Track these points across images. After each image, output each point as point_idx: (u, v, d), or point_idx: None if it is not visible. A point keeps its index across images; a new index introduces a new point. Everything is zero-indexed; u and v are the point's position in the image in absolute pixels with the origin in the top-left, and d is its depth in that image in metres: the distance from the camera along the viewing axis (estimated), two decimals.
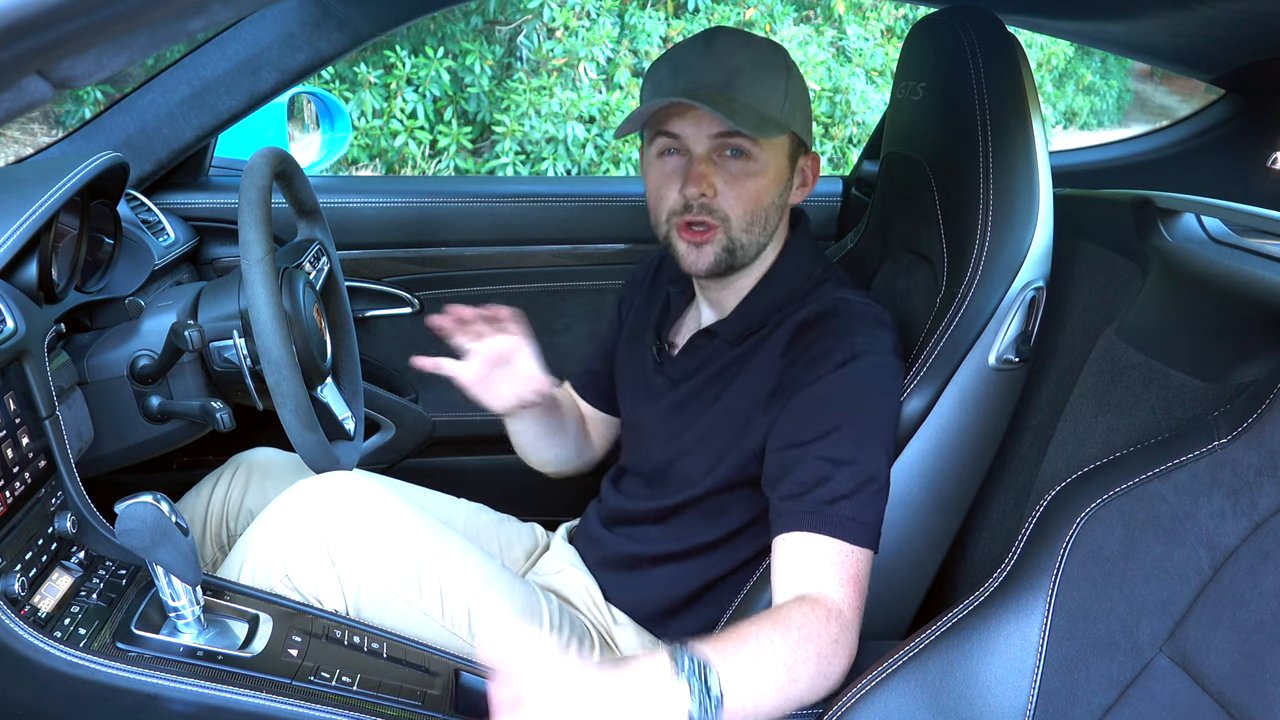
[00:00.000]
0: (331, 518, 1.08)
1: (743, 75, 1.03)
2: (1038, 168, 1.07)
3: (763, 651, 0.85)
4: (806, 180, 1.13)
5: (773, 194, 1.07)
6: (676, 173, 1.06)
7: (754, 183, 1.05)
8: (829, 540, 0.93)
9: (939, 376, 1.08)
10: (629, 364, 1.29)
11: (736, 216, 1.05)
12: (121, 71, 0.53)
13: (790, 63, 1.07)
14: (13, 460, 0.96)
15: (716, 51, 1.04)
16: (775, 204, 1.08)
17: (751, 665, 0.84)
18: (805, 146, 1.11)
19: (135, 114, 1.61)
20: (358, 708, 0.94)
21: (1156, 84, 8.75)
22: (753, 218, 1.06)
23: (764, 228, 1.08)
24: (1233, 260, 0.91)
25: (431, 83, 4.93)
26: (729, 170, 1.04)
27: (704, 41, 1.06)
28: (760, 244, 1.09)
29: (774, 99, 1.04)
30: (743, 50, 1.04)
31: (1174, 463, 0.79)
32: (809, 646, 0.87)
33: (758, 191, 1.05)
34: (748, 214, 1.05)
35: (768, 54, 1.05)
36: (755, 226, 1.07)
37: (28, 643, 0.88)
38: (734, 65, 1.03)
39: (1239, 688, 0.70)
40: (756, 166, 1.04)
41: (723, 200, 1.05)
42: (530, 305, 1.92)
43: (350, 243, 1.81)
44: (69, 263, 1.22)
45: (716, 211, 1.05)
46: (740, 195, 1.05)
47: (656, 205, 1.09)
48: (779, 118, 1.04)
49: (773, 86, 1.04)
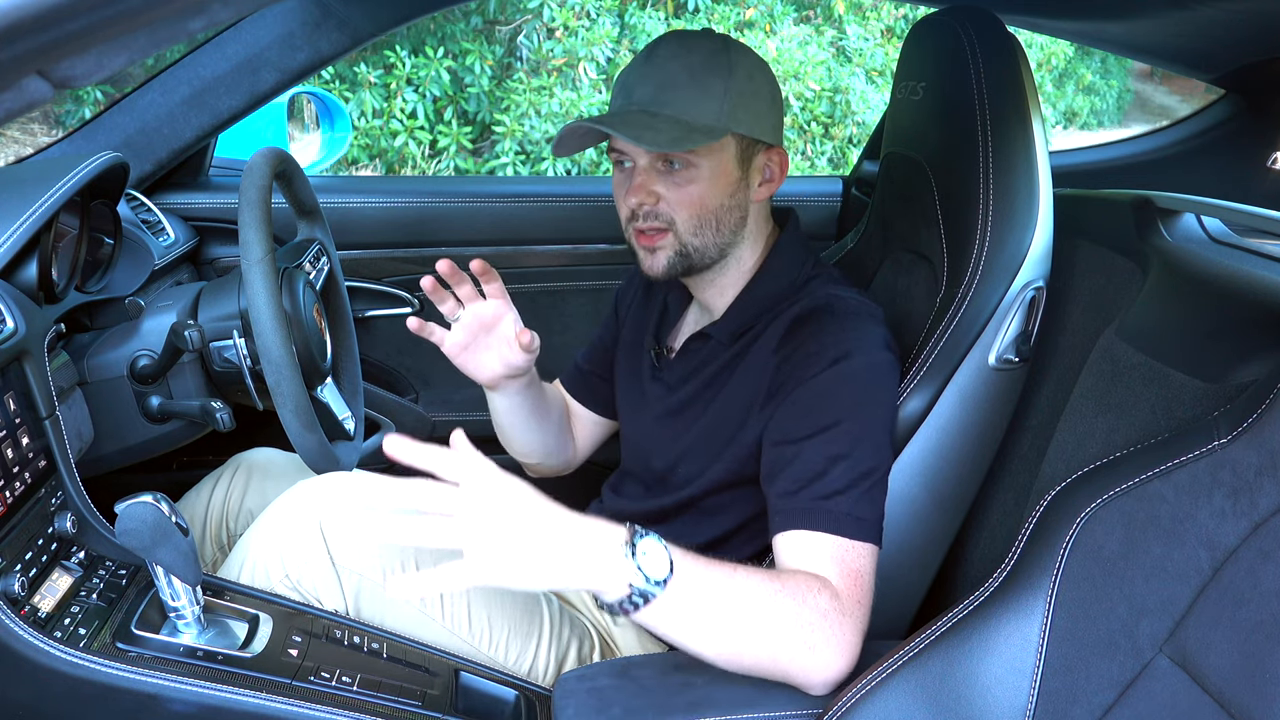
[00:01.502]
0: (331, 518, 1.08)
1: (672, 87, 1.03)
2: (1038, 168, 1.07)
3: (736, 579, 0.86)
4: (773, 176, 1.11)
5: (719, 196, 1.06)
6: (626, 181, 1.08)
7: (695, 188, 1.05)
8: (827, 537, 0.93)
9: (939, 376, 1.08)
10: (627, 371, 1.29)
11: (682, 220, 1.06)
12: (121, 71, 0.53)
13: (736, 62, 1.05)
14: (13, 460, 0.96)
15: (653, 63, 1.04)
16: (725, 205, 1.07)
17: (716, 582, 0.85)
18: (764, 143, 1.09)
19: (135, 114, 1.61)
20: (358, 708, 0.94)
21: (1156, 84, 8.75)
22: (700, 221, 1.06)
23: (716, 229, 1.08)
24: (1233, 260, 0.91)
25: (431, 83, 4.93)
26: (671, 179, 1.05)
27: (646, 54, 1.06)
28: (720, 244, 1.09)
29: (708, 105, 1.03)
30: (680, 57, 1.04)
31: (1174, 463, 0.79)
32: (788, 601, 0.86)
33: (700, 195, 1.05)
34: (694, 218, 1.06)
35: (708, 58, 1.04)
36: (705, 229, 1.07)
37: (28, 643, 0.88)
38: (665, 76, 1.03)
39: (1239, 688, 0.70)
40: (696, 173, 1.05)
41: (665, 206, 1.06)
42: (530, 305, 1.92)
43: (350, 243, 1.81)
44: (69, 263, 1.22)
45: (662, 216, 1.06)
46: (682, 200, 1.05)
47: (619, 211, 1.11)
48: (712, 123, 1.03)
49: (707, 91, 1.03)
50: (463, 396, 1.93)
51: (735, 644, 0.86)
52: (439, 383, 1.95)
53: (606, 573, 0.80)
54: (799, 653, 0.87)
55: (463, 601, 1.09)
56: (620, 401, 1.31)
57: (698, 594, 0.84)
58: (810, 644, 0.87)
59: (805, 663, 0.87)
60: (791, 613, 0.86)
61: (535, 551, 0.78)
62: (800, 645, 0.87)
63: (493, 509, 0.77)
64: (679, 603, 0.83)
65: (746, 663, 0.88)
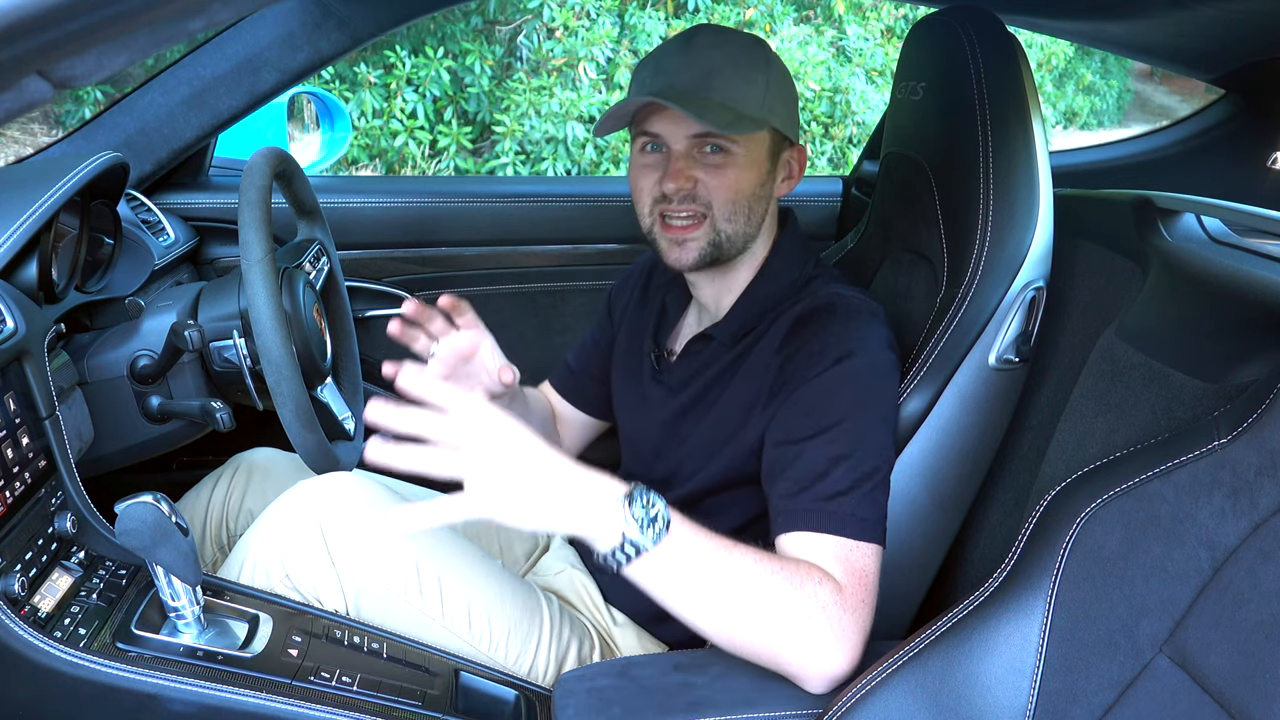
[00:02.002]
0: (331, 518, 1.08)
1: (720, 73, 1.03)
2: (1038, 168, 1.07)
3: (734, 554, 0.87)
4: (793, 173, 1.13)
5: (754, 185, 1.07)
6: (657, 164, 1.07)
7: (734, 173, 1.05)
8: (830, 538, 0.93)
9: (939, 376, 1.08)
10: (625, 373, 1.28)
11: (719, 204, 1.06)
12: (121, 71, 0.53)
13: (772, 57, 1.07)
14: (13, 460, 0.96)
15: (695, 49, 1.04)
16: (758, 195, 1.08)
17: (713, 552, 0.86)
18: (790, 140, 1.11)
19: (135, 114, 1.61)
20: (358, 708, 0.94)
21: (1156, 84, 8.75)
22: (735, 207, 1.06)
23: (748, 218, 1.08)
24: (1233, 260, 0.90)
25: (431, 83, 4.93)
26: (708, 163, 1.05)
27: (684, 40, 1.06)
28: (746, 235, 1.09)
29: (752, 95, 1.04)
30: (721, 47, 1.04)
31: (1174, 463, 0.79)
32: (786, 585, 0.87)
33: (738, 181, 1.05)
34: (730, 203, 1.06)
35: (747, 50, 1.05)
36: (739, 216, 1.07)
37: (28, 643, 0.88)
38: (711, 63, 1.03)
39: (1239, 688, 0.70)
40: (733, 159, 1.05)
41: (703, 189, 1.05)
42: (530, 305, 1.92)
43: (350, 243, 1.81)
44: (69, 263, 1.22)
45: (700, 199, 1.06)
46: (721, 184, 1.05)
47: (640, 197, 1.10)
48: (756, 114, 1.04)
49: (751, 81, 1.04)
50: None
51: (727, 618, 0.87)
52: None
53: (601, 519, 0.82)
54: (794, 640, 0.87)
55: (463, 601, 1.09)
56: (618, 403, 1.30)
57: (691, 558, 0.85)
58: (806, 633, 0.87)
59: (801, 652, 0.87)
60: (788, 597, 0.87)
61: (536, 489, 0.80)
62: (796, 632, 0.87)
63: (500, 445, 0.79)
64: (671, 563, 0.84)
65: (739, 641, 0.88)
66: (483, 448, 0.79)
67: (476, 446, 0.79)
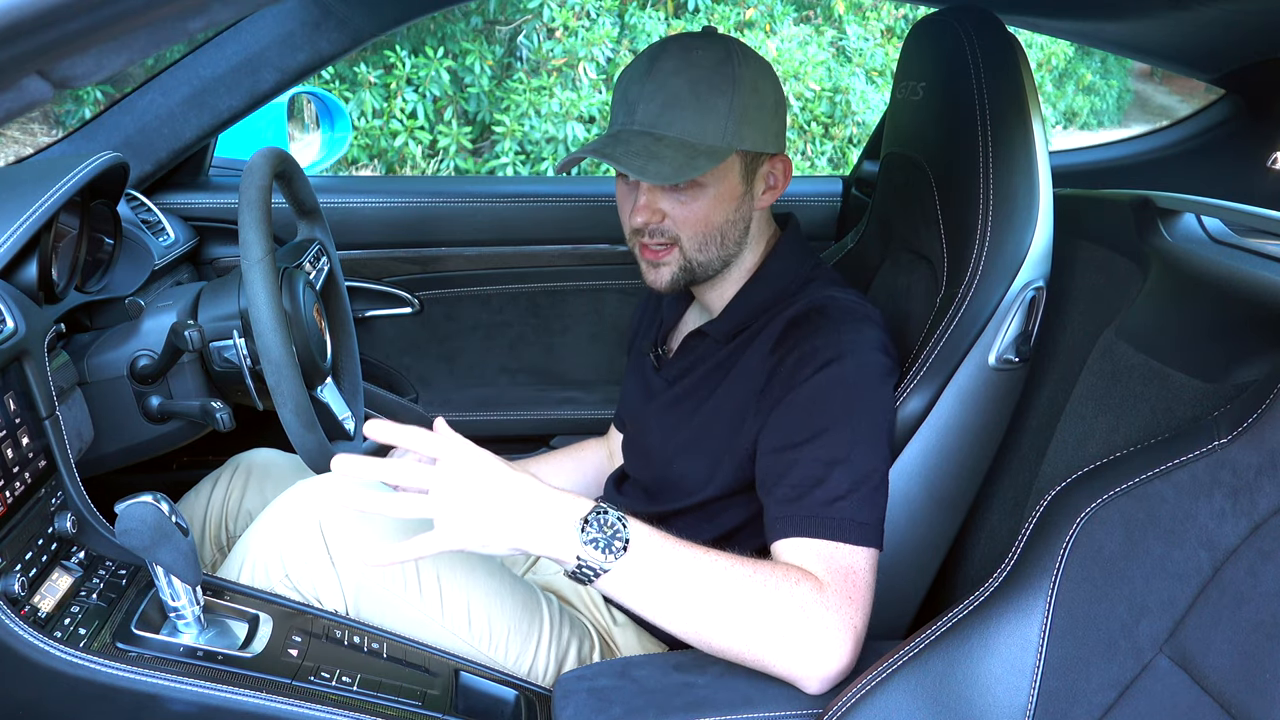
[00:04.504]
0: (331, 518, 1.08)
1: (678, 104, 1.01)
2: (1038, 168, 1.07)
3: (704, 562, 0.88)
4: (776, 183, 1.11)
5: (726, 213, 1.07)
6: (631, 192, 1.08)
7: (702, 205, 1.05)
8: (828, 544, 0.93)
9: (939, 376, 1.08)
10: (632, 375, 1.31)
11: (688, 238, 1.07)
12: (121, 71, 0.53)
13: (740, 75, 1.03)
14: (13, 460, 0.96)
15: (657, 77, 1.03)
16: (731, 220, 1.08)
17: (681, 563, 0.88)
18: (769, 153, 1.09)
19: (135, 114, 1.61)
20: (358, 708, 0.94)
21: (1156, 84, 8.75)
22: (705, 238, 1.07)
23: (721, 244, 1.08)
24: (1233, 260, 0.90)
25: (431, 83, 4.93)
26: (676, 198, 1.05)
27: (647, 63, 1.04)
28: (723, 257, 1.10)
29: (711, 124, 1.02)
30: (683, 72, 1.02)
31: (1174, 463, 0.79)
32: (760, 589, 0.87)
33: (707, 212, 1.06)
34: (699, 235, 1.07)
35: (710, 73, 1.02)
36: (711, 245, 1.08)
37: (28, 643, 0.88)
38: (670, 93, 1.02)
39: (1239, 688, 0.70)
40: (701, 192, 1.05)
41: (671, 224, 1.06)
42: (530, 305, 1.92)
43: (350, 243, 1.82)
44: (69, 263, 1.22)
45: (668, 233, 1.07)
46: (689, 218, 1.06)
47: (622, 220, 1.12)
48: (717, 143, 1.02)
49: (711, 110, 1.02)
50: (463, 396, 1.93)
51: (704, 626, 0.89)
52: (439, 383, 1.95)
53: (557, 542, 0.86)
54: (775, 642, 0.88)
55: (463, 601, 1.09)
56: (623, 402, 1.31)
57: (657, 572, 0.87)
58: (787, 634, 0.87)
59: (784, 654, 0.88)
60: (765, 600, 0.87)
61: (498, 514, 0.84)
62: (776, 635, 0.87)
63: (463, 482, 0.84)
64: (634, 579, 0.87)
65: (720, 647, 0.90)
66: (450, 488, 0.84)
67: (444, 488, 0.84)
